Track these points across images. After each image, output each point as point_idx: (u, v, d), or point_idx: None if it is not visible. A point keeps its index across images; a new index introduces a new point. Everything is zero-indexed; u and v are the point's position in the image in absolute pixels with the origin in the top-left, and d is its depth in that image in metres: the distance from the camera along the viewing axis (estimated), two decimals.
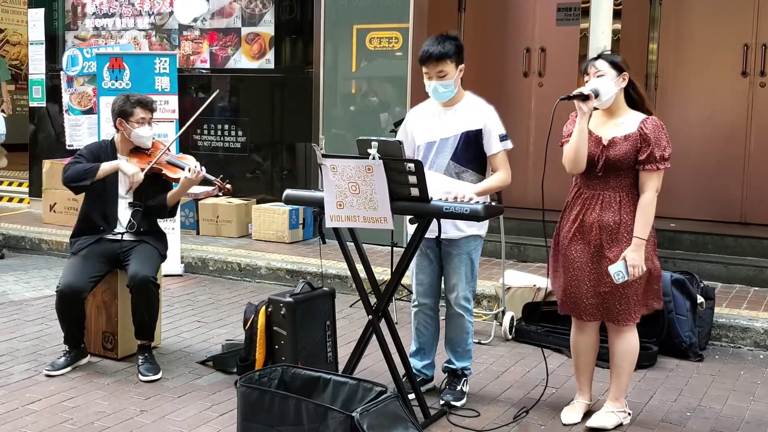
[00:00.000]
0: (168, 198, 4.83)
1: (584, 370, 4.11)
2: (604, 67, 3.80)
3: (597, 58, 3.88)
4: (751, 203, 7.41)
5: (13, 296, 6.34)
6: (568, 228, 3.91)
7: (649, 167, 3.73)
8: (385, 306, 4.04)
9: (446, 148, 4.15)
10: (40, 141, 9.85)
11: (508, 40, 8.38)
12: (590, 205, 3.84)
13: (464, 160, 4.14)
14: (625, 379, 3.97)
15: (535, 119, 8.20)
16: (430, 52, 4.06)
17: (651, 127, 3.76)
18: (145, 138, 4.85)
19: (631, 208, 3.78)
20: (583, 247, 3.86)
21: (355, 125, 7.77)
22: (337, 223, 3.88)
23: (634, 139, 3.75)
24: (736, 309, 5.66)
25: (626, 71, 3.81)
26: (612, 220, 3.79)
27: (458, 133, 4.13)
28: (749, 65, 7.36)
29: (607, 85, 3.77)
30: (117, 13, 9.13)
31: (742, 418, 4.21)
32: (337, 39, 7.89)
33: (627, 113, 3.85)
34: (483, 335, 5.39)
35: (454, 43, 4.09)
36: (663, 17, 7.65)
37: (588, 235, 3.84)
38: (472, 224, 4.12)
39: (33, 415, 4.07)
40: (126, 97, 4.88)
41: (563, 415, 4.09)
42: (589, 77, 3.83)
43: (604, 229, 3.80)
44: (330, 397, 3.45)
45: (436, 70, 4.07)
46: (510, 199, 5.80)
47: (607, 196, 3.81)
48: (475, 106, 4.20)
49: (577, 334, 4.07)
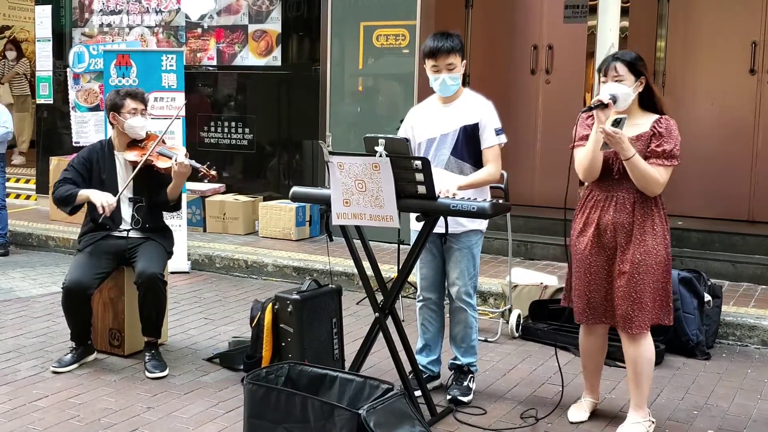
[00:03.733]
0: (168, 192, 4.84)
1: (592, 371, 4.09)
2: (624, 71, 3.71)
3: (616, 59, 3.77)
4: (758, 201, 7.39)
5: (20, 293, 6.35)
6: (580, 230, 3.86)
7: (653, 161, 3.67)
8: (392, 303, 4.04)
9: (446, 144, 4.18)
10: (47, 138, 9.87)
11: (515, 37, 8.37)
12: (604, 207, 3.78)
13: (464, 154, 4.17)
14: (646, 387, 3.88)
15: (542, 117, 8.17)
16: (439, 45, 4.10)
17: (664, 125, 3.71)
18: (138, 128, 4.86)
19: (646, 209, 3.72)
20: (599, 251, 3.80)
21: (362, 123, 7.77)
22: (343, 220, 3.88)
23: (646, 139, 3.70)
24: (744, 307, 5.64)
25: (645, 75, 3.74)
26: (626, 220, 3.73)
27: (456, 128, 4.17)
28: (757, 63, 7.33)
29: (625, 91, 3.69)
30: (124, 10, 9.14)
31: (749, 416, 4.20)
32: (344, 36, 7.89)
33: (642, 115, 3.78)
34: (490, 333, 5.38)
35: (459, 39, 4.18)
36: (671, 14, 7.63)
37: (603, 237, 3.79)
38: (473, 219, 4.12)
39: (40, 411, 4.08)
40: (116, 91, 4.96)
41: (570, 413, 4.08)
42: (607, 79, 3.75)
43: (620, 230, 3.74)
44: (336, 395, 3.45)
45: (446, 62, 4.10)
46: (517, 196, 5.79)
47: (620, 197, 3.75)
48: (473, 101, 4.25)
49: (585, 337, 4.03)
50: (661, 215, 3.78)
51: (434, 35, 4.18)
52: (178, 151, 4.92)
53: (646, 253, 3.71)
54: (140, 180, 4.80)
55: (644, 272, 3.71)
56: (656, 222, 3.75)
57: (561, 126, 7.74)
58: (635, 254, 3.71)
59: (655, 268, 3.72)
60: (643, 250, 3.71)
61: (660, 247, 3.73)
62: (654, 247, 3.72)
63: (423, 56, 4.20)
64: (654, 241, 3.72)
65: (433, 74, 4.16)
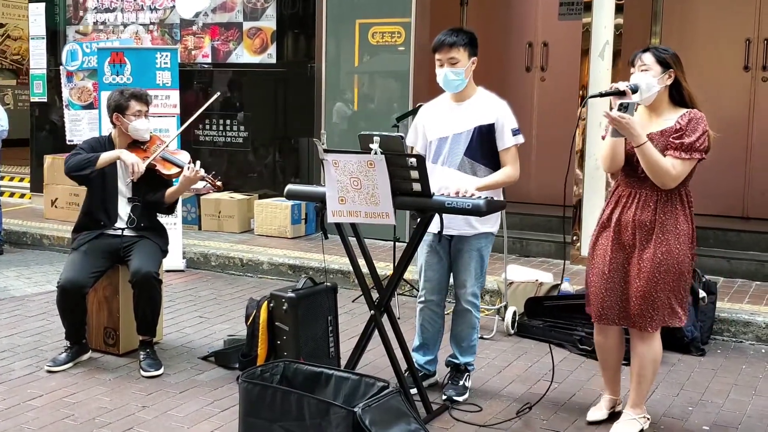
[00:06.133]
0: (167, 195, 4.82)
1: (609, 369, 4.01)
2: (650, 61, 3.60)
3: (645, 50, 3.66)
4: (752, 197, 7.40)
5: (15, 292, 6.34)
6: (602, 225, 3.78)
7: (669, 153, 3.57)
8: (388, 301, 4.04)
9: (459, 144, 4.12)
10: (41, 136, 9.84)
11: (510, 34, 8.37)
12: (627, 203, 3.70)
13: (478, 155, 4.10)
14: (646, 386, 3.86)
15: (537, 114, 8.16)
16: (441, 39, 4.08)
17: (688, 118, 3.59)
18: (143, 131, 4.84)
19: (669, 207, 3.63)
20: (618, 248, 3.72)
21: (357, 120, 7.76)
22: (339, 218, 3.88)
23: (669, 133, 3.59)
24: (738, 303, 5.65)
25: (674, 68, 3.61)
26: (648, 219, 3.64)
27: (471, 128, 4.10)
28: (751, 60, 7.35)
29: (649, 82, 3.58)
30: (118, 7, 9.12)
31: (744, 412, 4.21)
32: (339, 34, 7.88)
33: (671, 110, 3.66)
34: (485, 330, 5.38)
35: (468, 35, 4.12)
36: (665, 12, 7.63)
37: (623, 235, 3.70)
38: (485, 221, 4.08)
39: (34, 411, 4.07)
40: (120, 91, 4.90)
41: (589, 413, 4.02)
42: (635, 70, 3.65)
43: (640, 228, 3.65)
44: (332, 393, 3.44)
45: (448, 56, 4.05)
46: (512, 194, 5.79)
47: (644, 194, 3.66)
48: (487, 101, 4.18)
49: (598, 335, 3.95)
50: (686, 214, 3.67)
51: (444, 31, 4.14)
52: (181, 155, 4.91)
53: (667, 253, 3.62)
54: (140, 181, 4.79)
55: (664, 272, 3.62)
56: (680, 221, 3.65)
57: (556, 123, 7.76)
58: (657, 254, 3.62)
59: (677, 268, 3.64)
60: (665, 249, 3.62)
61: (683, 247, 3.64)
62: (677, 247, 3.62)
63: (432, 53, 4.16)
64: (677, 241, 3.63)
65: (437, 69, 4.13)
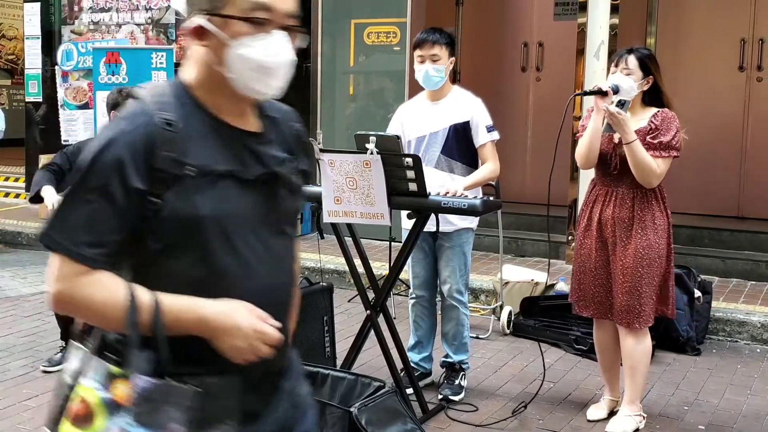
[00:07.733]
0: None
1: (608, 368, 4.05)
2: (634, 66, 3.69)
3: (630, 52, 3.75)
4: (747, 197, 7.41)
5: (10, 292, 6.33)
6: (585, 225, 3.87)
7: (651, 153, 3.64)
8: (384, 301, 4.04)
9: (436, 142, 4.18)
10: (36, 136, 9.82)
11: (505, 34, 8.37)
12: (605, 202, 3.79)
13: (455, 153, 4.17)
14: (640, 381, 3.89)
15: (532, 114, 8.17)
16: (424, 36, 4.15)
17: (661, 118, 3.71)
18: None
19: (645, 203, 3.72)
20: (601, 246, 3.81)
21: (353, 120, 7.76)
22: (334, 218, 3.88)
23: (644, 133, 3.69)
24: (733, 303, 5.66)
25: (654, 75, 3.72)
26: (626, 215, 3.73)
27: (446, 126, 4.16)
28: (746, 60, 7.36)
29: (629, 84, 3.67)
30: (113, 7, 9.10)
31: (739, 411, 4.22)
32: (334, 34, 7.87)
33: (643, 111, 3.78)
34: (481, 330, 5.39)
35: (449, 35, 4.20)
36: (660, 12, 7.65)
37: (604, 232, 3.80)
38: (464, 217, 4.13)
39: (29, 411, 4.06)
40: (118, 90, 4.92)
41: (589, 412, 4.06)
42: (616, 70, 3.73)
43: (619, 225, 3.74)
44: (328, 393, 3.44)
45: (430, 52, 4.10)
46: (508, 193, 5.80)
47: (621, 192, 3.75)
48: (462, 99, 4.24)
49: (596, 332, 4.03)
50: (662, 209, 3.76)
51: (426, 29, 4.21)
52: None
53: (648, 247, 3.70)
54: None
55: (647, 266, 3.70)
56: (657, 215, 3.73)
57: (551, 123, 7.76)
58: (637, 248, 3.70)
59: (658, 261, 3.72)
60: (645, 244, 3.70)
61: (662, 241, 3.73)
62: (656, 241, 3.71)
63: (412, 50, 4.22)
64: (655, 235, 3.71)
65: (418, 65, 4.17)
